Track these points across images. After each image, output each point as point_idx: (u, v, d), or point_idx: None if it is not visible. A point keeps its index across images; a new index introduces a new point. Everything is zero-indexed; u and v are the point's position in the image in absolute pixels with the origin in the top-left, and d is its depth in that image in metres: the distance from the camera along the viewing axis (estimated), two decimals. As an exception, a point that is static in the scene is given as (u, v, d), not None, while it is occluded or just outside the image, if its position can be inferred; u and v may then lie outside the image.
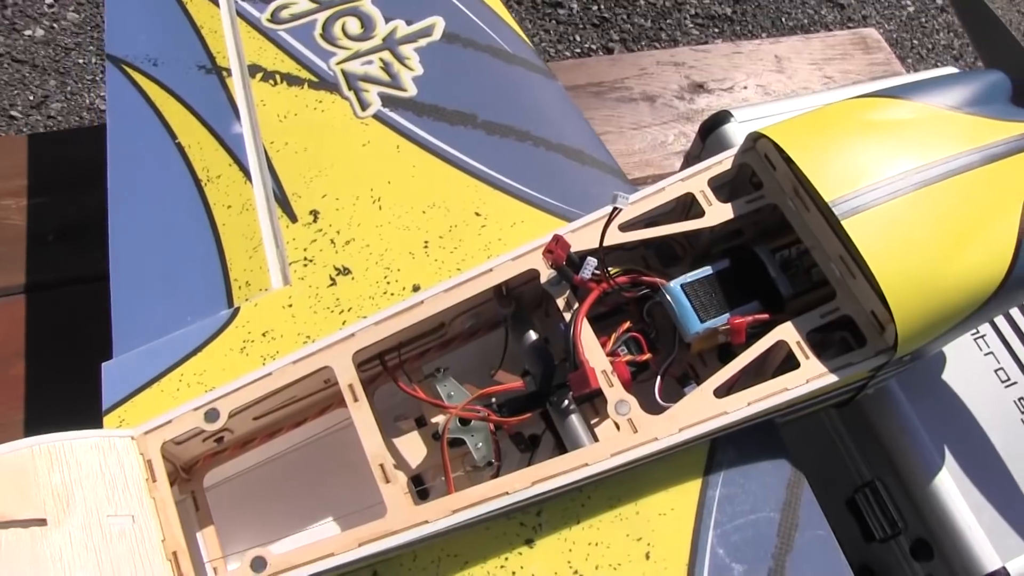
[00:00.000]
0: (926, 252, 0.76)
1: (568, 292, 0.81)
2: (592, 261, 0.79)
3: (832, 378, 0.77)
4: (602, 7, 2.64)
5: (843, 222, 0.77)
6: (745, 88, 1.48)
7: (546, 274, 0.82)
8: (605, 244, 0.81)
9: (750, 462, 0.79)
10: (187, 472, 0.82)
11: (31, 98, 2.25)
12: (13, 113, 2.21)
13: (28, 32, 2.35)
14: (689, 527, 0.75)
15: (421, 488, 0.83)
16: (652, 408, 0.76)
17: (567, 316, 0.79)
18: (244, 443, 0.84)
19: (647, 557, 0.74)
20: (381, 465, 0.73)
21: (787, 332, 0.79)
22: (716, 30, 2.66)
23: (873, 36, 1.57)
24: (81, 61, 2.33)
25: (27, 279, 1.23)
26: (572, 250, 0.80)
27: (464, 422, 0.80)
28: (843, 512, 1.05)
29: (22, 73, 2.28)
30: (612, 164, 0.99)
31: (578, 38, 2.56)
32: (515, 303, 0.85)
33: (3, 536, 0.64)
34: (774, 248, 0.86)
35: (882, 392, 0.96)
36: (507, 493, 0.72)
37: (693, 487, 0.77)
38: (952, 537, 0.92)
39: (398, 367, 0.86)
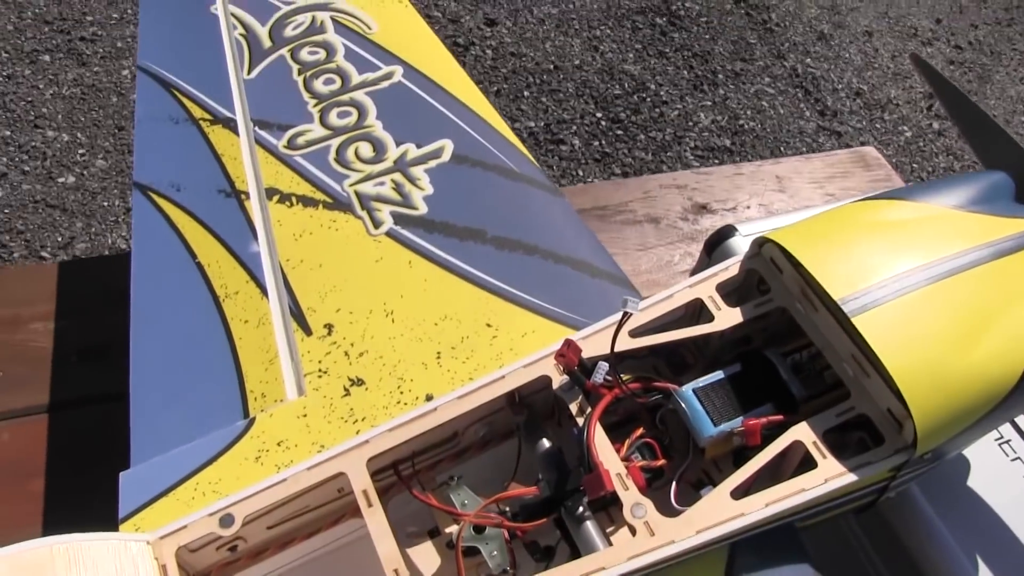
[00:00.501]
0: (940, 346, 0.77)
1: (581, 398, 0.81)
2: (604, 366, 0.79)
3: (851, 477, 0.76)
4: (603, 143, 2.74)
5: (853, 320, 0.77)
6: (748, 208, 1.52)
7: (558, 380, 0.82)
8: (616, 350, 0.82)
9: (771, 566, 0.77)
10: None
11: (59, 239, 2.35)
12: (43, 254, 2.30)
13: (61, 179, 2.47)
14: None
15: None
16: (668, 512, 0.75)
17: (580, 421, 0.79)
18: (257, 553, 0.84)
19: (670, 664, 0.71)
20: (396, 571, 0.72)
21: (803, 433, 0.78)
22: (716, 161, 2.75)
23: (872, 154, 1.62)
24: (106, 204, 2.44)
25: (50, 399, 1.27)
26: (583, 355, 0.81)
27: (478, 530, 0.79)
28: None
29: (53, 217, 2.39)
30: (620, 274, 1.01)
31: (581, 172, 2.64)
32: (527, 411, 0.85)
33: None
34: (785, 352, 0.86)
35: (906, 500, 0.94)
36: (529, 601, 0.70)
37: (713, 590, 0.75)
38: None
39: (412, 476, 0.86)
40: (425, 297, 0.97)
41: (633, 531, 0.73)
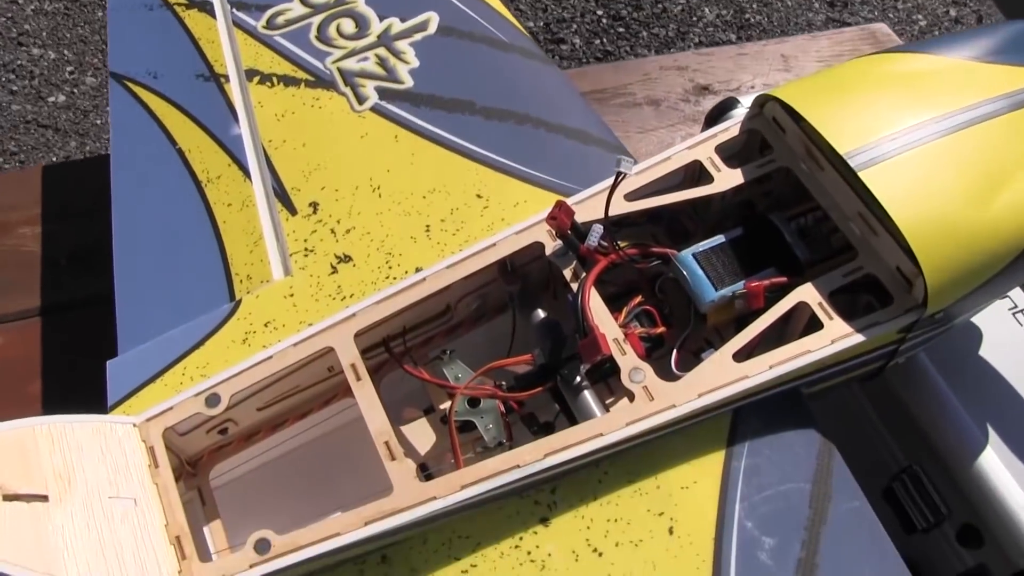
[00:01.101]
0: (952, 200, 0.72)
1: (575, 263, 0.77)
2: (598, 228, 0.75)
3: (859, 338, 0.72)
4: (604, 41, 2.65)
5: (860, 174, 0.73)
6: (752, 88, 1.46)
7: (551, 246, 0.78)
8: (611, 214, 0.78)
9: (776, 432, 0.74)
10: (192, 467, 0.80)
11: (53, 159, 2.30)
12: (39, 176, 2.25)
13: (51, 98, 2.41)
14: (714, 500, 0.70)
15: (428, 474, 0.80)
16: (668, 378, 0.72)
17: (575, 287, 0.76)
18: (249, 436, 0.82)
19: (670, 532, 0.69)
20: (386, 443, 0.70)
21: (808, 294, 0.75)
22: (723, 54, 2.66)
23: (883, 30, 1.55)
24: (99, 122, 2.38)
25: (41, 302, 1.25)
26: (577, 219, 0.77)
27: (473, 404, 0.77)
28: (880, 504, 0.99)
29: (46, 137, 2.34)
30: (615, 142, 0.96)
31: (584, 71, 2.56)
32: (521, 282, 0.82)
33: (6, 509, 0.61)
34: (790, 216, 0.82)
35: (915, 368, 0.91)
36: (518, 466, 0.68)
37: (716, 458, 0.72)
38: (1003, 520, 0.86)
39: (404, 353, 0.83)
40: (412, 171, 0.92)
41: (631, 397, 0.71)
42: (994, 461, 0.88)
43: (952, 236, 0.72)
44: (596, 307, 0.74)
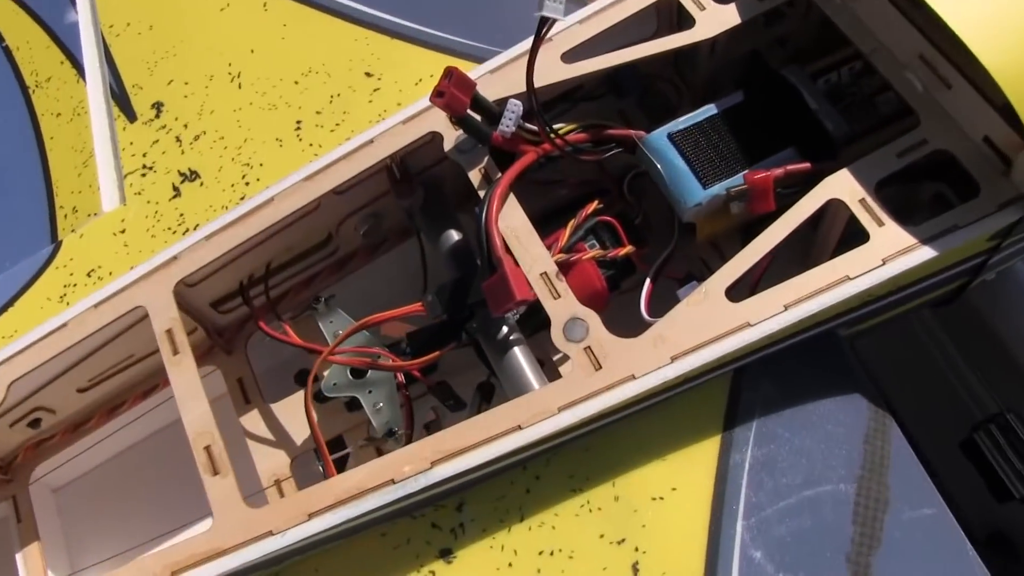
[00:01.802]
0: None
1: (487, 160, 0.52)
2: (515, 106, 0.50)
3: (926, 253, 0.46)
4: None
5: (926, -11, 0.46)
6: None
7: (454, 137, 0.53)
8: (544, 83, 0.52)
9: (800, 402, 0.49)
10: (5, 471, 0.61)
11: None
12: None
13: None
14: (702, 517, 0.46)
15: (342, 455, 0.57)
16: (630, 331, 0.46)
17: (483, 195, 0.50)
18: (76, 426, 0.62)
19: (635, 572, 0.45)
20: (207, 448, 0.47)
21: (844, 186, 0.48)
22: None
23: None
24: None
25: None
26: (494, 97, 0.51)
27: (358, 375, 0.53)
28: (957, 459, 0.73)
29: None
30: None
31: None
32: (424, 191, 0.57)
33: None
34: (815, 72, 0.55)
35: (1010, 283, 0.64)
36: (392, 482, 0.44)
37: (706, 450, 0.48)
38: None
39: (272, 302, 0.60)
40: (284, 48, 0.68)
41: (568, 364, 0.46)
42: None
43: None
44: (514, 225, 0.49)
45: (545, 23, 0.48)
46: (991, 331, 0.67)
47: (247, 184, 0.61)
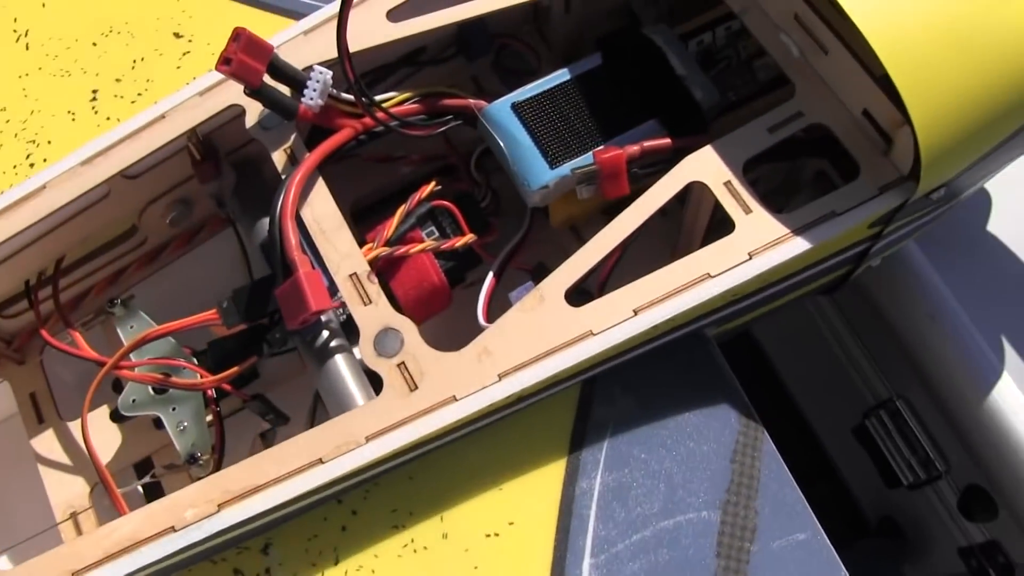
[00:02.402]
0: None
1: (294, 138, 0.44)
2: (322, 73, 0.41)
3: (799, 245, 0.40)
4: None
5: (795, -62, 0.39)
6: None
7: (258, 112, 0.44)
8: (366, 45, 0.44)
9: (658, 417, 0.42)
10: None
11: None
12: None
13: None
14: (544, 555, 0.40)
15: (151, 481, 0.50)
16: (454, 342, 0.39)
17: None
18: None
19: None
20: None
21: (706, 166, 0.42)
22: None
23: None
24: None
25: None
26: (308, 63, 0.43)
27: (161, 388, 0.45)
28: (849, 444, 0.69)
29: None
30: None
31: None
32: (237, 174, 0.48)
33: None
34: (684, 34, 0.48)
35: (899, 261, 0.59)
36: (173, 529, 0.36)
37: (549, 476, 0.41)
38: (1025, 481, 0.57)
39: (76, 302, 0.51)
40: (81, 1, 0.57)
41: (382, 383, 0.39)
42: (1015, 397, 0.58)
43: (959, 52, 0.39)
44: (320, 216, 0.41)
45: (355, -26, 0.40)
46: (881, 315, 0.62)
47: (32, 166, 0.52)
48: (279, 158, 0.43)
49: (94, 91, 0.54)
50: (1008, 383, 0.58)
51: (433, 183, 0.47)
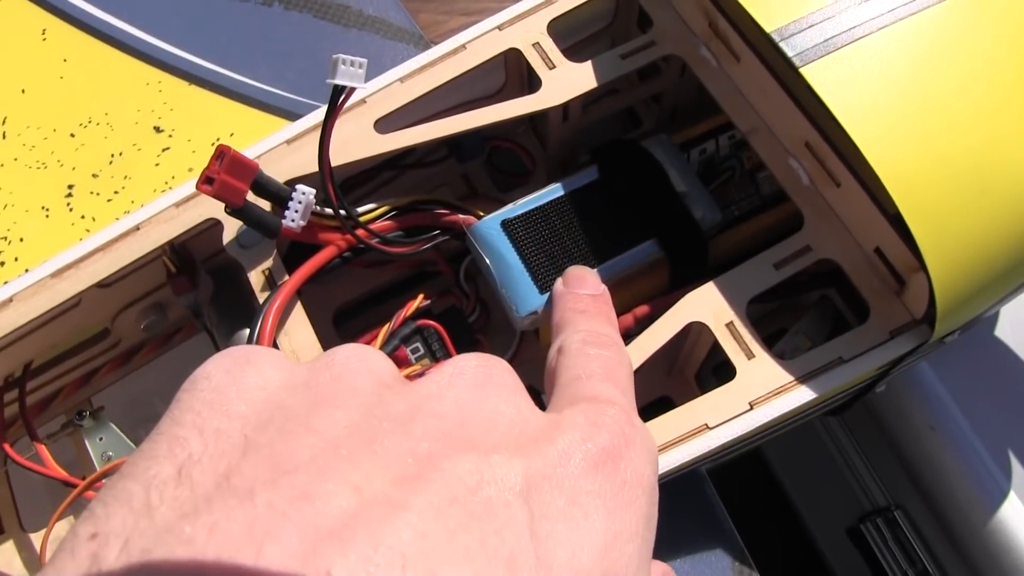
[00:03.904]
0: (975, 117, 0.37)
1: (273, 258, 0.42)
2: (304, 193, 0.39)
3: (804, 395, 0.38)
4: None
5: (804, 72, 0.37)
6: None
7: (236, 228, 0.42)
8: (352, 158, 0.42)
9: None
10: None
11: None
12: None
13: None
14: None
15: None
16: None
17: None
18: None
19: None
20: None
21: (708, 305, 0.39)
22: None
23: None
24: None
25: None
26: (291, 175, 0.41)
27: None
28: (842, 543, 0.67)
29: None
30: (406, 25, 0.58)
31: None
32: (214, 280, 0.46)
33: None
34: (686, 141, 0.46)
35: (903, 379, 0.57)
36: None
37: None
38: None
39: (44, 405, 0.49)
40: (61, 89, 0.55)
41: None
42: (1019, 515, 0.56)
43: (979, 196, 0.36)
44: (297, 347, 0.39)
45: (341, 92, 0.38)
46: (881, 423, 0.60)
47: (2, 264, 0.49)
48: (256, 279, 0.41)
49: (70, 186, 0.51)
50: (1013, 501, 0.56)
51: (420, 297, 0.45)
